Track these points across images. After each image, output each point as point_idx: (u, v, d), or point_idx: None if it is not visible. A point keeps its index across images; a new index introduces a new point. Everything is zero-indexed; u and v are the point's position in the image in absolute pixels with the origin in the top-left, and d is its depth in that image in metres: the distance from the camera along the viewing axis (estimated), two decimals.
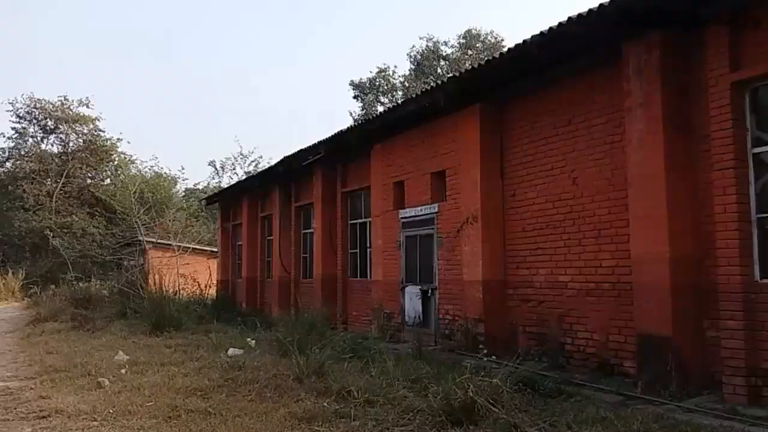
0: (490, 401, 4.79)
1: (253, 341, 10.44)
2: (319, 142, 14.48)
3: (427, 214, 11.65)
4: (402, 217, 12.44)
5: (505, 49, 8.48)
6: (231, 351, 9.23)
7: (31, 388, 6.81)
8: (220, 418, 5.31)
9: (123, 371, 7.64)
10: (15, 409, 5.78)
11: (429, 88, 10.78)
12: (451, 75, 10.14)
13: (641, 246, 7.29)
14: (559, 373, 7.55)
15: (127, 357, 8.68)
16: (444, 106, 10.28)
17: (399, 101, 12.15)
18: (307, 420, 5.23)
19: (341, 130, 13.69)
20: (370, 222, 14.09)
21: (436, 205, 11.39)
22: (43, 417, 5.42)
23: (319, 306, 13.72)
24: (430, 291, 11.52)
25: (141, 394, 6.25)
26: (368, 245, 14.33)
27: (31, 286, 28.00)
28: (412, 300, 11.99)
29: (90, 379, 7.07)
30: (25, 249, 35.56)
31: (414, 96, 11.08)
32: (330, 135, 13.97)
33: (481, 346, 8.97)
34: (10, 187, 36.29)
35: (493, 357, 8.66)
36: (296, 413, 5.37)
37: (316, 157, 15.11)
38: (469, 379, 5.03)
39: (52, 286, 25.17)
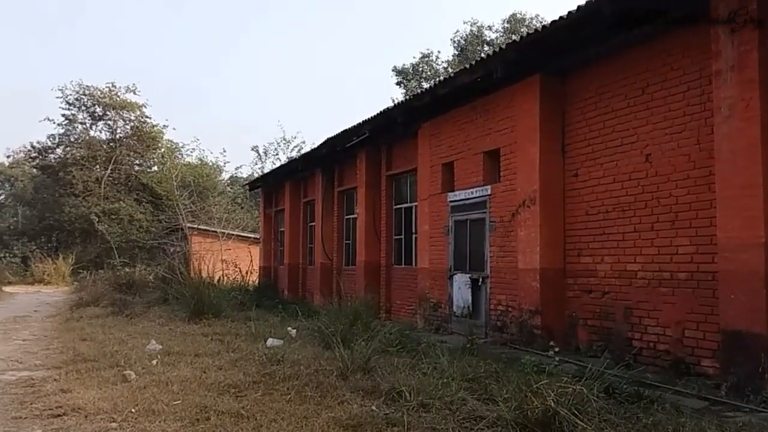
0: (574, 412, 3.99)
1: (294, 331, 10.05)
2: (364, 122, 13.97)
3: (479, 196, 10.89)
4: (451, 201, 11.71)
5: (574, 8, 7.56)
6: (270, 341, 8.74)
7: (55, 380, 6.41)
8: (254, 422, 4.68)
9: (154, 362, 7.19)
10: (31, 404, 5.31)
11: (485, 56, 9.90)
12: (510, 41, 9.25)
13: (730, 230, 6.45)
14: (627, 371, 6.74)
15: (160, 346, 8.28)
16: (499, 77, 9.48)
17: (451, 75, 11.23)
18: (353, 427, 4.57)
19: (387, 108, 13.06)
20: (416, 206, 13.45)
21: (489, 187, 10.63)
22: (58, 416, 4.91)
23: (362, 294, 13.16)
24: (480, 279, 10.79)
25: (169, 390, 5.72)
26: (414, 231, 13.72)
27: (81, 270, 28.50)
28: (461, 289, 11.31)
29: (117, 371, 6.61)
30: (75, 234, 36.48)
31: (468, 66, 10.24)
32: (375, 113, 13.38)
33: (552, 342, 8.25)
34: (60, 173, 37.18)
35: (550, 352, 7.93)
36: (340, 419, 4.71)
37: (361, 137, 14.59)
38: (548, 385, 4.24)
39: (100, 271, 25.47)
